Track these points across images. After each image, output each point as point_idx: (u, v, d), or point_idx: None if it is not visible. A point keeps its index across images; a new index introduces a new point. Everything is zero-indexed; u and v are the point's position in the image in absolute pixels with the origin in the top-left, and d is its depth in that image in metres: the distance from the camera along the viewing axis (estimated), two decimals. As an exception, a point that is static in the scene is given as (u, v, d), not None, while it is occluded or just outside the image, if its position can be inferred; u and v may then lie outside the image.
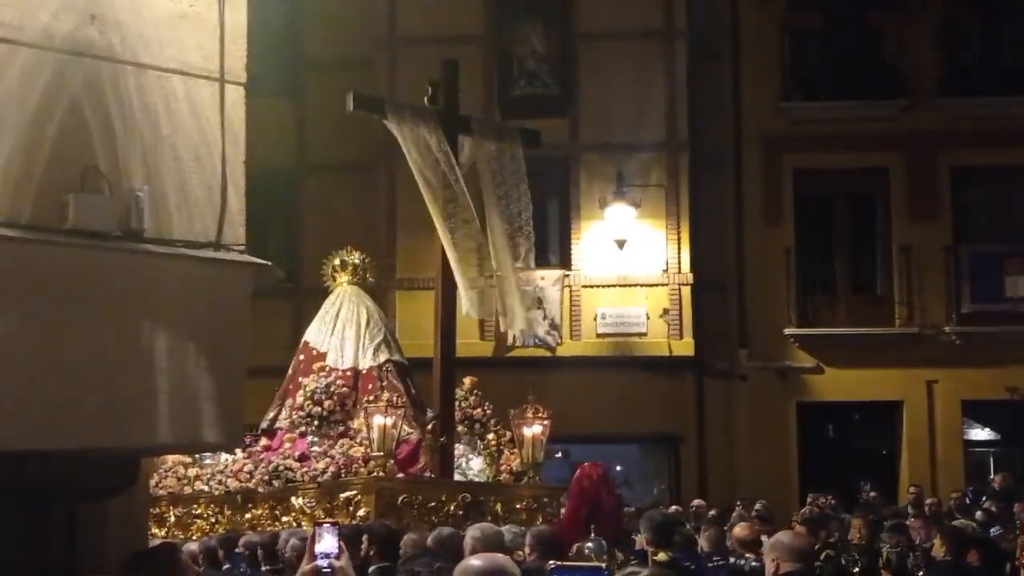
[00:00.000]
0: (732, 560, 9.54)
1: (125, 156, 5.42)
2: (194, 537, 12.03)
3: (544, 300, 19.83)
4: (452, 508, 11.64)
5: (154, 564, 5.33)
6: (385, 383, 13.14)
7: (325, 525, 4.79)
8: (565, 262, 20.53)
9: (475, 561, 4.04)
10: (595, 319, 20.20)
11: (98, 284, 5.26)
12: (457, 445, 12.92)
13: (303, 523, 11.51)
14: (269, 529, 11.41)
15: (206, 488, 13.00)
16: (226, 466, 12.94)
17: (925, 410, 20.54)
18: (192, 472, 13.12)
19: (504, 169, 13.09)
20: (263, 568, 9.57)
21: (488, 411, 13.56)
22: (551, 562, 3.53)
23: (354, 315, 13.82)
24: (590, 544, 9.09)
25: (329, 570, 4.72)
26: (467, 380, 13.68)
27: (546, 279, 19.97)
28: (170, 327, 5.39)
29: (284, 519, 11.95)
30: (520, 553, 8.26)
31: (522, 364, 19.69)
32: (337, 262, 14.37)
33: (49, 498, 5.80)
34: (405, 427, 12.58)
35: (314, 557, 4.76)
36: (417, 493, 11.66)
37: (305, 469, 12.38)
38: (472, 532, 7.93)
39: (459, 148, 12.76)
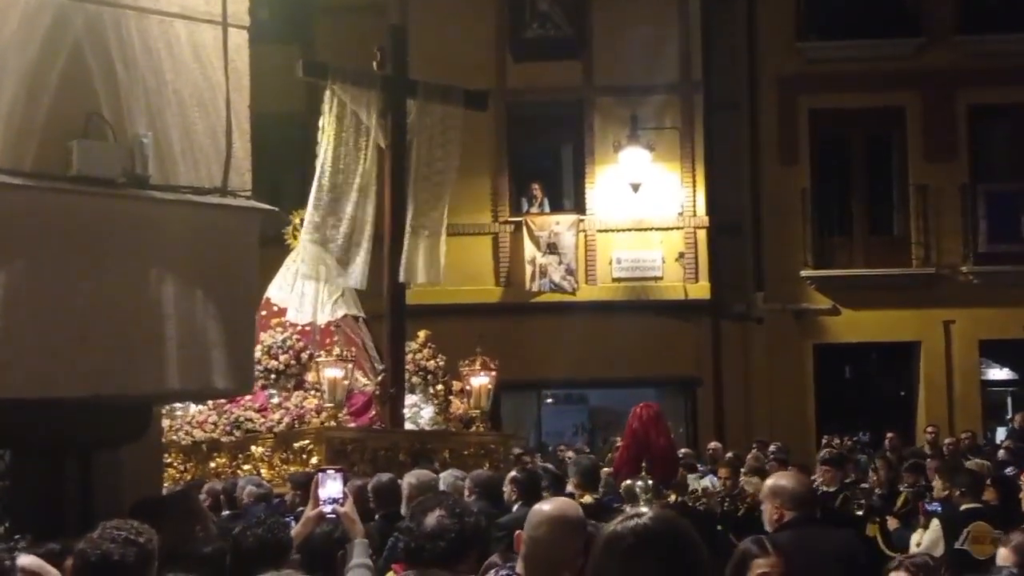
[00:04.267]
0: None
1: (128, 102, 5.38)
2: (165, 485, 12.33)
3: (559, 245, 19.78)
4: (401, 455, 12.12)
5: (175, 511, 5.35)
6: (339, 337, 13.67)
7: (329, 471, 4.79)
8: (579, 207, 20.45)
9: (545, 506, 4.06)
10: (610, 263, 20.14)
11: (104, 231, 5.24)
12: (411, 396, 13.50)
13: (262, 470, 12.27)
14: (232, 476, 11.99)
15: (175, 438, 13.40)
16: (193, 417, 13.40)
17: (942, 350, 20.47)
18: (165, 423, 13.38)
19: (445, 132, 13.45)
20: (224, 513, 9.92)
21: (440, 363, 14.09)
22: None
23: (313, 272, 14.24)
24: (639, 483, 9.30)
25: (334, 515, 4.73)
26: (421, 333, 14.25)
27: (561, 224, 19.91)
28: (177, 274, 5.38)
29: (245, 467, 12.58)
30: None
31: (538, 310, 19.71)
32: (298, 221, 14.74)
33: (64, 447, 5.82)
34: (360, 378, 13.38)
35: (318, 502, 4.77)
36: (366, 441, 12.27)
37: (263, 420, 12.97)
38: (408, 478, 8.40)
39: (407, 111, 13.21)
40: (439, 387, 13.93)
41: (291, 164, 20.71)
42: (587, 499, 9.22)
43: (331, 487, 4.83)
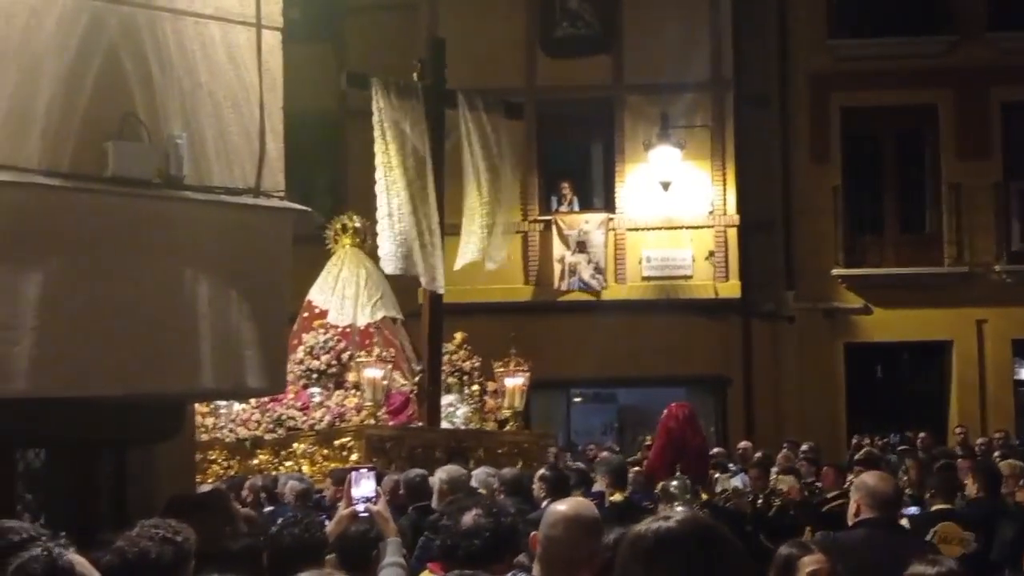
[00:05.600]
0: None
1: (163, 103, 5.41)
2: (210, 481, 12.68)
3: (588, 244, 19.77)
4: (437, 453, 12.38)
5: (209, 510, 5.38)
6: (378, 339, 14.04)
7: (362, 470, 4.81)
8: (609, 205, 20.41)
9: (561, 506, 4.08)
10: (640, 262, 20.11)
11: (139, 231, 5.28)
12: (447, 395, 13.81)
13: (303, 466, 12.63)
14: (274, 473, 12.25)
15: (219, 435, 13.68)
16: (237, 415, 13.68)
17: (975, 350, 20.33)
18: (209, 421, 13.75)
19: (488, 138, 13.72)
20: (265, 509, 10.16)
21: (476, 364, 14.41)
22: None
23: (354, 275, 14.79)
24: (675, 483, 9.32)
25: (367, 514, 4.75)
26: (458, 335, 14.51)
27: (590, 223, 19.89)
28: (211, 274, 5.41)
29: (287, 464, 12.91)
30: (483, 491, 9.14)
31: (567, 309, 19.70)
32: (339, 226, 15.28)
33: (98, 445, 5.86)
34: (398, 379, 13.82)
35: (351, 501, 4.79)
36: (403, 439, 12.63)
37: (305, 418, 13.30)
38: (439, 474, 8.88)
39: (445, 121, 13.55)
40: (474, 387, 14.21)
41: (323, 163, 20.83)
42: (617, 497, 9.40)
43: (364, 486, 4.85)
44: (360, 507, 4.85)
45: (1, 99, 5.02)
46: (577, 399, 22.14)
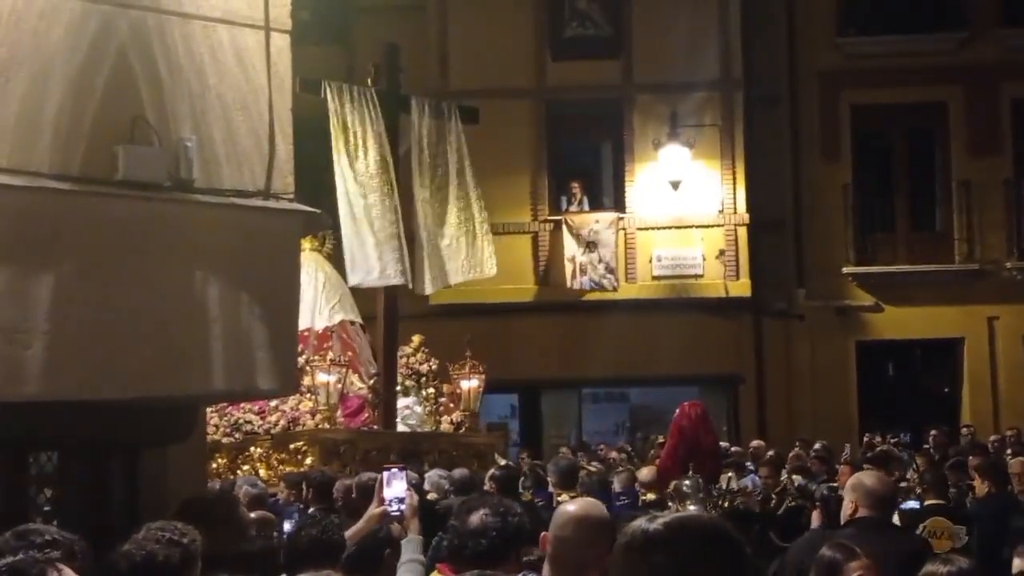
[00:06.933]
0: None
1: (173, 106, 5.44)
2: None
3: (598, 243, 19.76)
4: (391, 456, 12.27)
5: (221, 514, 5.39)
6: (335, 342, 14.05)
7: (393, 470, 4.82)
8: (619, 205, 20.42)
9: (570, 507, 4.09)
10: (651, 261, 20.11)
11: (150, 235, 5.30)
12: (404, 399, 13.80)
13: (260, 470, 12.57)
14: (231, 477, 12.12)
15: None
16: None
17: (986, 347, 20.31)
18: None
19: (442, 143, 13.63)
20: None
21: (433, 367, 14.37)
22: None
23: (312, 279, 14.57)
24: (687, 482, 9.34)
25: (398, 513, 4.77)
26: (415, 338, 14.48)
27: (600, 222, 19.89)
28: (222, 276, 5.43)
29: (244, 467, 12.85)
30: (434, 494, 9.34)
31: (578, 308, 19.70)
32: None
33: (111, 448, 5.89)
34: (356, 382, 13.79)
35: (383, 501, 4.81)
36: (357, 443, 12.65)
37: (262, 422, 13.25)
38: None
39: (399, 126, 13.42)
40: (430, 391, 14.24)
41: (331, 165, 20.79)
42: (565, 498, 9.48)
43: (396, 486, 4.85)
44: (393, 507, 4.86)
45: (11, 104, 5.05)
46: (589, 399, 22.14)
